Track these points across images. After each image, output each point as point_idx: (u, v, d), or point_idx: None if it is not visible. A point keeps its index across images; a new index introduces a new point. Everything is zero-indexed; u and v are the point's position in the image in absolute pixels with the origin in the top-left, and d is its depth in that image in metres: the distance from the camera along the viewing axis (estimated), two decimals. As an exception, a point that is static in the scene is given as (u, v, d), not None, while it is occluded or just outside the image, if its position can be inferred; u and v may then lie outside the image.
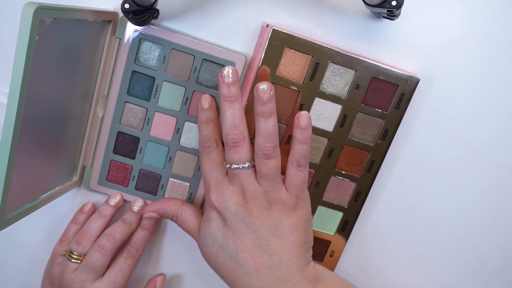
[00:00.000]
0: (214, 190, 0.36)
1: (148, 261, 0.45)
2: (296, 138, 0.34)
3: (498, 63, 0.40)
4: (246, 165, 0.34)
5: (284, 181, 0.36)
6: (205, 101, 0.37)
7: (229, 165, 0.35)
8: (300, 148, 0.35)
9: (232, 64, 0.38)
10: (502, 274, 0.47)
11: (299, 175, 0.35)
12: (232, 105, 0.34)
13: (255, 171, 0.35)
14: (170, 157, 0.41)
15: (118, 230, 0.40)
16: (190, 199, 0.42)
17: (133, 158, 0.41)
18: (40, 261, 0.44)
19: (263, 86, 0.33)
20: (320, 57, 0.37)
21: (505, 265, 0.47)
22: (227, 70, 0.34)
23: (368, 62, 0.37)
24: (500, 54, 0.39)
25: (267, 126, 0.34)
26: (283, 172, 0.36)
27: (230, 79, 0.34)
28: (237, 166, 0.34)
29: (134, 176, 0.41)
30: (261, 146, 0.34)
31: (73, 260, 0.39)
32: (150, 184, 0.42)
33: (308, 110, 0.38)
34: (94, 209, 0.43)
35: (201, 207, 0.43)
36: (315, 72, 0.37)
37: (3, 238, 0.45)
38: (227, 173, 0.36)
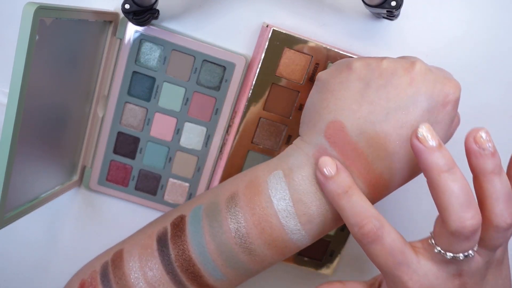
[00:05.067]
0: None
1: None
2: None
3: (498, 63, 0.40)
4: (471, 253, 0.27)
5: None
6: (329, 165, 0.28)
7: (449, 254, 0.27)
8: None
9: (233, 65, 0.38)
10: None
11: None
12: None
13: None
14: (170, 158, 0.41)
15: None
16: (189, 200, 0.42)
17: (133, 158, 0.41)
18: (40, 261, 0.44)
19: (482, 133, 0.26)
20: (320, 57, 0.37)
21: (505, 266, 0.46)
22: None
23: (368, 62, 0.37)
24: (500, 54, 0.39)
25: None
26: None
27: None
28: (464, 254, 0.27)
29: (134, 176, 0.41)
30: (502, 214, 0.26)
31: None
32: (150, 185, 0.42)
33: (308, 110, 0.38)
34: None
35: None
36: (315, 72, 0.37)
37: (2, 237, 0.45)
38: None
